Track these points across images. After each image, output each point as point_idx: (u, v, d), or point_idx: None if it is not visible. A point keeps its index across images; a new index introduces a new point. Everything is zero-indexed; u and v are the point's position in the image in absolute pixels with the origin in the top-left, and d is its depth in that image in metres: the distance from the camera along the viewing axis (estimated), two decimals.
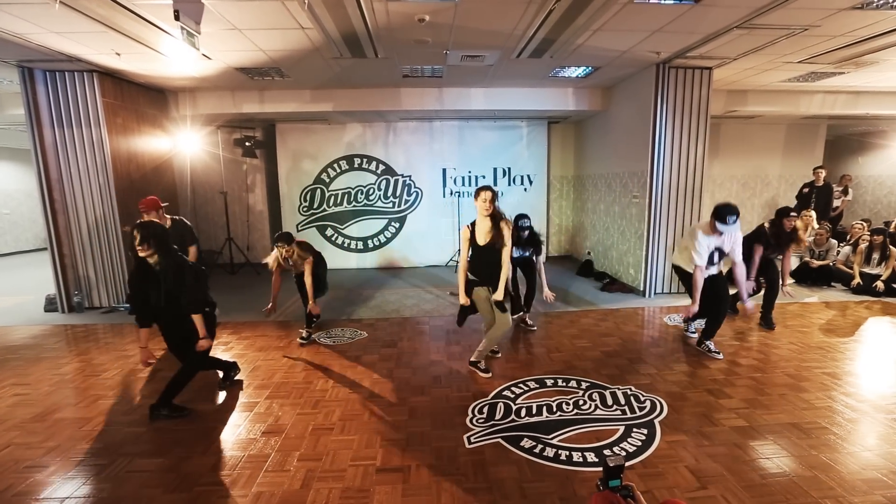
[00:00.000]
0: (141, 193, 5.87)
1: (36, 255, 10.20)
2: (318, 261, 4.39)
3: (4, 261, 9.63)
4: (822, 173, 7.78)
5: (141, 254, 2.80)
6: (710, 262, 3.81)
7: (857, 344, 4.15)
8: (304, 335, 4.38)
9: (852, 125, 9.15)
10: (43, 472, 2.44)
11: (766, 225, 4.44)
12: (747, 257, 4.25)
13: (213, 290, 3.93)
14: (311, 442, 2.69)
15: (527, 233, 4.45)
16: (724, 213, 3.60)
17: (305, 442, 2.69)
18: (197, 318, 2.98)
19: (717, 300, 3.90)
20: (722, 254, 3.82)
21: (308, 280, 4.19)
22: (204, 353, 3.09)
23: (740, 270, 3.91)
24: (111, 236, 5.52)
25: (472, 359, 3.68)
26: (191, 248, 4.36)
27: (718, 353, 3.89)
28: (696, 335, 4.28)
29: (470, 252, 3.45)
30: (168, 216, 4.36)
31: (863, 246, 6.04)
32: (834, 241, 6.52)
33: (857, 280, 5.86)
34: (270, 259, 4.13)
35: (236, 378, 3.54)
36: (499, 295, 3.41)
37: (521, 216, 4.46)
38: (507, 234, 3.34)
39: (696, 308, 3.81)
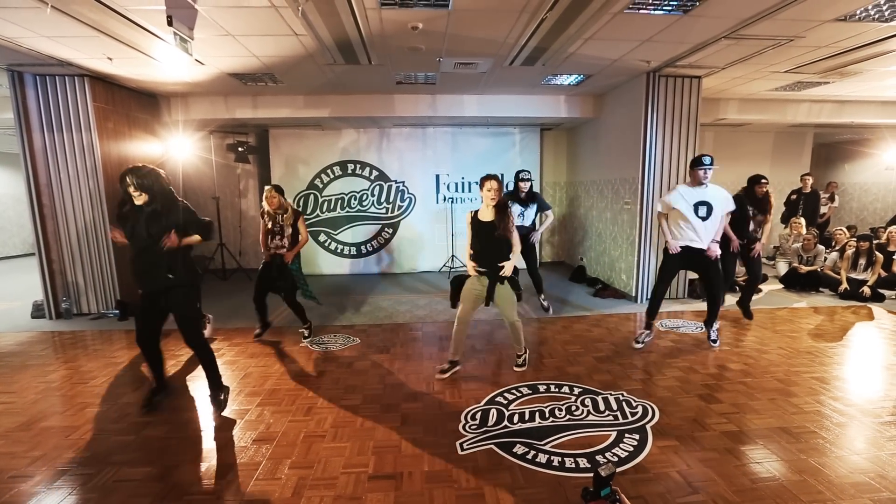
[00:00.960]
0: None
1: (23, 260, 10.05)
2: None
3: None
4: (810, 180, 7.92)
5: (138, 201, 2.78)
6: (698, 214, 3.89)
7: (844, 349, 4.21)
8: (305, 334, 4.60)
9: (838, 133, 9.34)
10: (28, 482, 2.39)
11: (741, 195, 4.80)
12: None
13: (204, 297, 3.91)
14: (303, 449, 2.66)
15: (527, 185, 4.65)
16: (700, 156, 3.89)
17: (297, 449, 2.66)
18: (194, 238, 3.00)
19: (709, 285, 4.15)
20: (710, 209, 3.88)
21: (303, 235, 4.41)
22: (195, 318, 3.10)
23: (726, 221, 4.08)
24: (100, 242, 5.46)
25: (518, 362, 3.77)
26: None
27: (716, 341, 4.20)
28: (642, 347, 4.20)
29: (472, 238, 3.54)
30: None
31: (849, 252, 6.14)
32: (821, 248, 6.62)
33: (845, 285, 5.95)
34: (265, 205, 4.26)
35: (222, 399, 3.18)
36: (508, 269, 3.44)
37: (521, 171, 4.72)
38: (512, 217, 3.48)
39: (674, 245, 4.00)
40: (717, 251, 3.95)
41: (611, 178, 6.59)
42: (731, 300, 5.46)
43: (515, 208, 4.73)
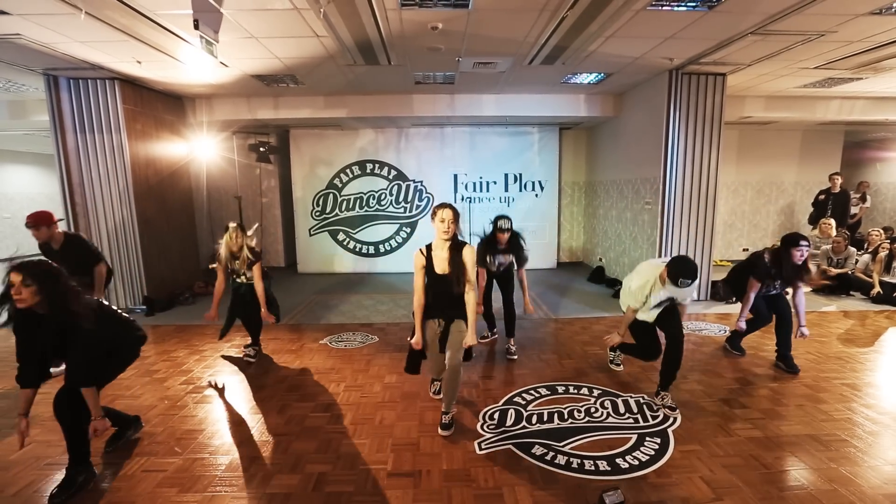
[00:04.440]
0: (159, 198, 6.01)
1: None
2: (266, 273, 4.00)
3: None
4: (839, 179, 7.65)
5: (20, 304, 2.09)
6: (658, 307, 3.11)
7: (877, 354, 4.06)
8: (251, 353, 4.04)
9: (870, 131, 8.99)
10: (62, 469, 2.48)
11: (766, 255, 3.63)
12: (740, 291, 3.80)
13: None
14: (323, 445, 2.70)
15: (507, 235, 3.79)
16: (677, 274, 2.85)
17: (317, 445, 2.70)
18: (87, 393, 2.29)
19: (671, 340, 3.14)
20: (672, 300, 3.11)
21: (259, 286, 3.80)
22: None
23: (684, 310, 3.26)
24: (129, 239, 5.64)
25: (444, 421, 2.83)
26: (97, 268, 3.80)
27: (675, 408, 3.09)
28: (620, 367, 3.76)
29: (424, 284, 2.80)
30: (62, 231, 3.84)
31: (883, 254, 5.91)
32: (853, 249, 6.39)
33: (877, 289, 5.73)
34: (222, 249, 3.76)
35: (134, 437, 2.79)
36: (470, 339, 2.74)
37: (500, 217, 3.80)
38: (469, 262, 2.71)
39: (615, 340, 3.38)
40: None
41: (631, 178, 6.48)
42: None
43: (497, 258, 3.94)
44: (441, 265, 2.72)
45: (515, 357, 4.04)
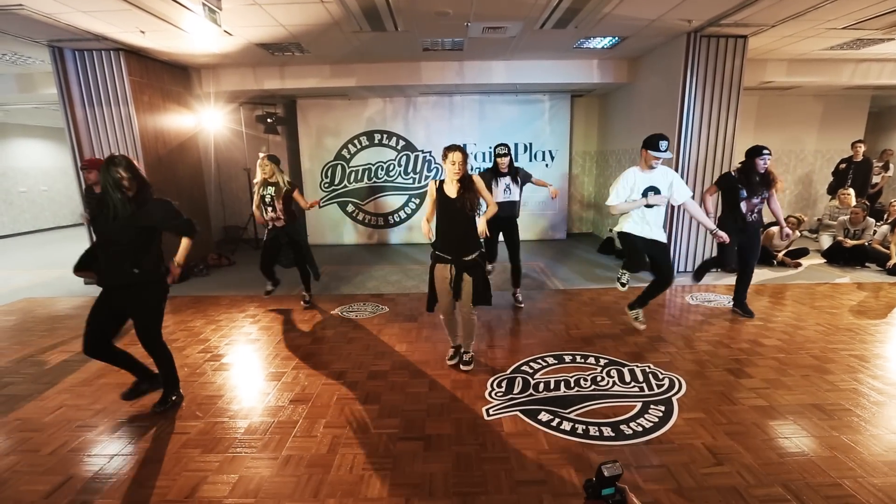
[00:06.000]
0: (169, 170, 6.05)
1: (74, 230, 10.65)
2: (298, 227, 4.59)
3: (44, 236, 10.11)
4: (861, 148, 7.39)
5: (129, 192, 2.52)
6: (645, 197, 3.58)
7: (889, 326, 4.03)
8: (306, 297, 4.80)
9: None
10: (93, 431, 2.64)
11: (734, 172, 4.10)
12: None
13: (238, 265, 4.09)
14: (337, 410, 2.81)
15: (506, 160, 4.19)
16: (656, 139, 3.43)
17: (331, 410, 2.82)
18: (188, 244, 2.76)
19: (658, 269, 3.73)
20: (657, 193, 3.55)
21: (303, 203, 4.45)
22: (154, 329, 2.76)
23: (691, 207, 3.70)
24: None
25: (465, 359, 3.33)
26: None
27: (643, 324, 3.94)
28: (625, 288, 4.00)
29: (436, 216, 3.11)
30: None
31: None
32: (871, 220, 6.24)
33: (894, 260, 5.63)
34: (257, 177, 4.34)
35: (170, 403, 2.89)
36: (485, 218, 3.08)
37: (498, 145, 4.26)
38: (479, 183, 3.03)
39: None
40: (724, 237, 3.70)
41: None
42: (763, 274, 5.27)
43: (502, 182, 4.27)
44: (451, 192, 3.02)
45: (522, 305, 4.59)
